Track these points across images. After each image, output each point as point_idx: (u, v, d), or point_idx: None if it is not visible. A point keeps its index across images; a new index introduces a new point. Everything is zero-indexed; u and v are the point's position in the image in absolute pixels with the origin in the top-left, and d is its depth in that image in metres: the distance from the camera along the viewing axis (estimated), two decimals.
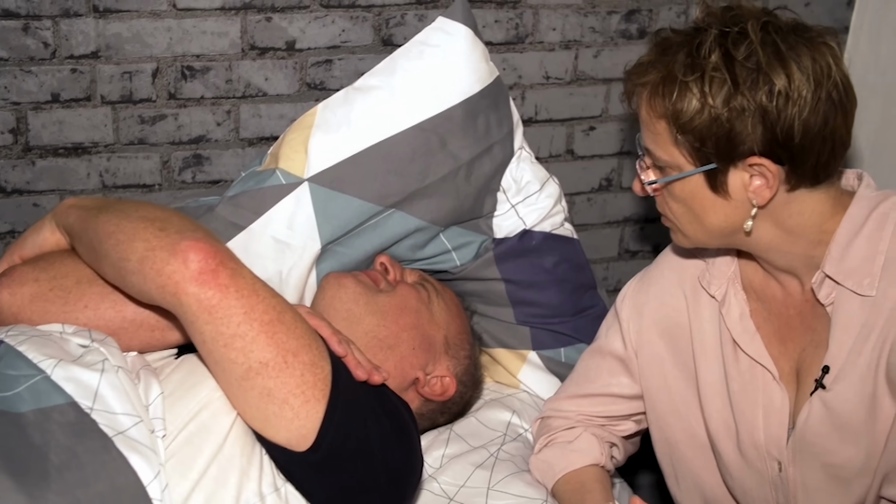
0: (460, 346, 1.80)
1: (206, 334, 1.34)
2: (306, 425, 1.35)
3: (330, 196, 1.76)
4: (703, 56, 1.34)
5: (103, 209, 1.49)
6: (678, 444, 1.68)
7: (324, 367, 1.38)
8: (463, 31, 1.84)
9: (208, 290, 1.32)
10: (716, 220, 1.43)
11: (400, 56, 1.84)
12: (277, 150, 1.82)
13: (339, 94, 1.83)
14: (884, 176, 2.21)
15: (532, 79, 2.17)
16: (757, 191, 1.38)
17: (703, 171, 1.39)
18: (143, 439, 1.32)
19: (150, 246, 1.35)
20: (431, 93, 1.81)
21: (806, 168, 1.36)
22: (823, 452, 1.47)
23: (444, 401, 1.76)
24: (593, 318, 1.95)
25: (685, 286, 1.64)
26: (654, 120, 1.40)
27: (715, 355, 1.59)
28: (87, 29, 1.88)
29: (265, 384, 1.34)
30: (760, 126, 1.33)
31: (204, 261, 1.32)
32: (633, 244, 2.41)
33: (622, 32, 2.18)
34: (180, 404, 1.39)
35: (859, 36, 2.30)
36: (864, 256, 1.40)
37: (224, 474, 1.35)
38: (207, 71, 1.97)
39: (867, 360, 1.41)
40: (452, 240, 1.89)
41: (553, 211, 1.94)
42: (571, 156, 2.27)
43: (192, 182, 2.05)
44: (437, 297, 1.81)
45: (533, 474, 1.73)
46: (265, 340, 1.34)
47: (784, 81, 1.31)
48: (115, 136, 1.97)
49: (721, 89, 1.33)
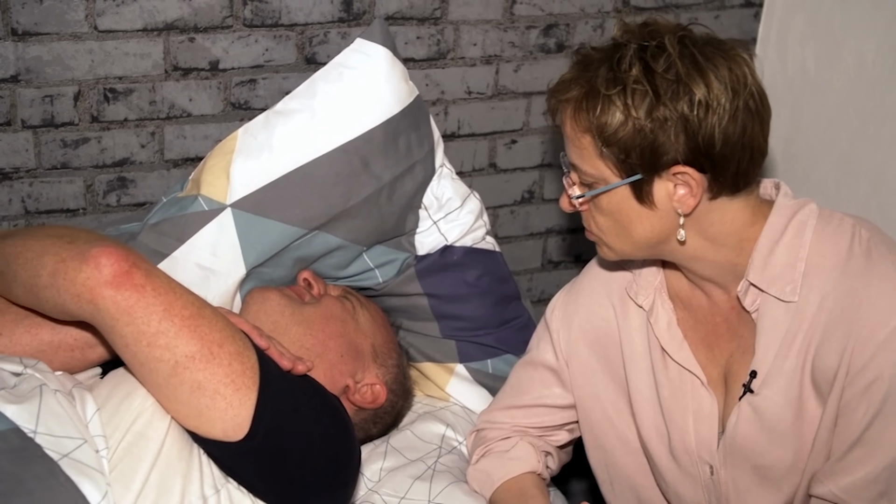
0: (388, 354, 1.82)
1: (127, 336, 1.34)
2: (240, 413, 1.36)
3: (253, 221, 1.76)
4: (624, 70, 1.37)
5: (7, 236, 1.48)
6: (612, 450, 1.71)
7: (250, 356, 1.40)
8: (381, 52, 1.84)
9: (124, 291, 1.33)
10: (643, 231, 1.46)
11: (319, 78, 1.84)
12: (199, 175, 1.80)
13: (259, 118, 1.82)
14: (797, 182, 2.28)
15: (454, 94, 2.19)
16: (681, 200, 1.41)
17: (629, 183, 1.41)
18: (88, 461, 1.31)
19: (61, 258, 1.35)
20: (352, 115, 1.81)
21: (727, 176, 1.40)
22: (753, 454, 1.52)
23: (376, 409, 1.78)
24: (518, 328, 1.99)
25: (613, 297, 1.68)
26: (580, 135, 1.42)
27: (645, 364, 1.62)
28: (6, 52, 1.84)
29: (194, 377, 1.35)
30: (683, 135, 1.36)
31: (116, 263, 1.33)
32: (556, 255, 2.45)
33: (541, 47, 2.21)
34: (116, 417, 1.38)
35: (767, 47, 2.37)
36: (786, 263, 1.44)
37: (165, 481, 1.35)
38: (130, 93, 1.94)
39: (793, 364, 1.46)
40: (375, 258, 1.90)
41: (474, 226, 1.96)
42: (494, 169, 2.30)
43: (118, 205, 2.02)
44: (362, 307, 1.83)
45: (471, 485, 1.75)
46: (188, 334, 1.35)
47: (703, 91, 1.35)
48: (37, 161, 1.94)
49: (643, 101, 1.36)
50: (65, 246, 1.37)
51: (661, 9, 2.26)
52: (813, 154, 2.25)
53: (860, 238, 1.44)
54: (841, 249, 1.43)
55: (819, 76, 2.22)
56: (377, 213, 1.85)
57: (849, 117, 2.14)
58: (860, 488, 1.41)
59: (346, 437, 1.51)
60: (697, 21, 2.31)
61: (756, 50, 2.40)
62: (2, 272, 1.44)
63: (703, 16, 2.32)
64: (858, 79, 2.11)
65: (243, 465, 1.40)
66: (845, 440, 1.42)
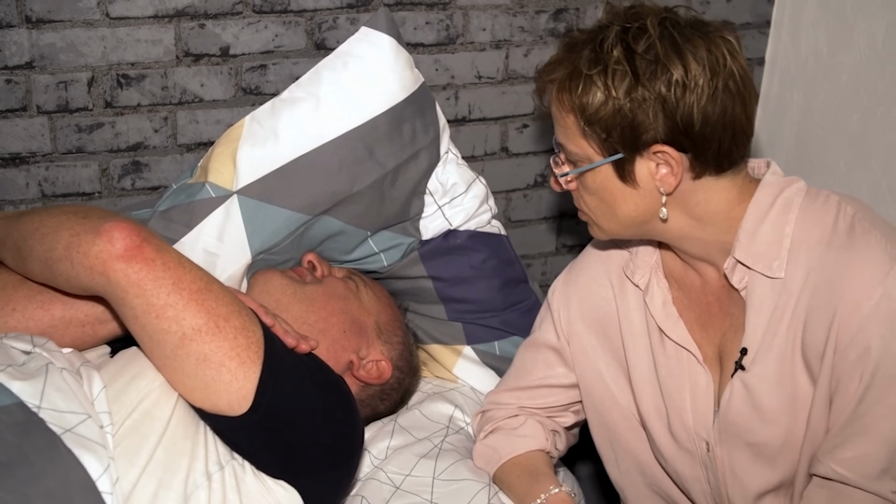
0: (393, 331, 1.84)
1: (137, 308, 1.38)
2: (245, 386, 1.39)
3: (259, 207, 1.79)
4: (606, 51, 1.40)
5: (24, 214, 1.53)
6: (616, 426, 1.72)
7: (255, 331, 1.43)
8: (386, 40, 1.86)
9: (135, 264, 1.37)
10: (627, 209, 1.48)
11: (324, 67, 1.86)
12: (206, 163, 1.84)
13: (266, 106, 1.85)
14: (809, 164, 2.28)
15: (464, 78, 2.21)
16: (663, 179, 1.43)
17: (612, 162, 1.43)
18: (91, 435, 1.34)
19: (75, 232, 1.40)
20: (357, 103, 1.83)
21: (708, 155, 1.41)
22: (745, 432, 1.52)
23: (382, 386, 1.81)
24: (524, 311, 2.00)
25: (611, 276, 1.69)
26: (564, 114, 1.45)
27: (643, 342, 1.64)
28: (21, 40, 1.89)
29: (200, 349, 1.38)
30: (661, 115, 1.38)
31: (128, 237, 1.37)
32: (569, 239, 2.46)
33: (551, 31, 2.23)
34: (123, 396, 1.42)
35: (780, 30, 2.36)
36: (772, 240, 1.45)
37: (171, 458, 1.38)
38: (143, 78, 1.99)
39: (782, 341, 1.46)
40: (380, 243, 1.92)
41: (479, 211, 1.98)
42: (506, 153, 2.32)
43: (132, 189, 2.07)
44: (365, 287, 1.86)
45: (476, 461, 1.76)
46: (196, 307, 1.39)
47: (681, 71, 1.37)
48: (53, 146, 1.99)
49: (623, 81, 1.38)
50: (79, 221, 1.42)
51: None
52: (825, 136, 2.24)
53: (845, 214, 1.44)
54: (826, 225, 1.44)
55: (831, 58, 2.21)
56: (381, 198, 1.87)
57: (860, 99, 2.13)
58: (861, 465, 1.41)
59: (349, 414, 1.53)
60: (709, 4, 2.31)
61: (770, 33, 2.40)
62: (18, 248, 1.49)
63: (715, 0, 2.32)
64: (869, 60, 2.10)
65: (247, 438, 1.43)
66: (840, 416, 1.42)
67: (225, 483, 1.41)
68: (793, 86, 2.33)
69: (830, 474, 1.44)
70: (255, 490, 1.43)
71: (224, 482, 1.41)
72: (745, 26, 2.37)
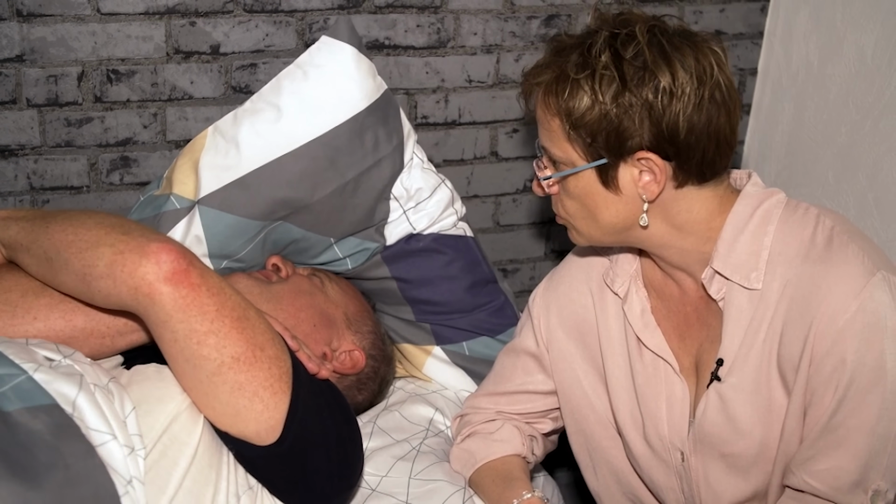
0: (362, 321, 1.86)
1: (178, 332, 1.39)
2: (274, 416, 1.42)
3: (218, 217, 1.80)
4: (594, 56, 1.40)
5: (49, 219, 1.51)
6: (593, 434, 1.73)
7: (286, 360, 1.46)
8: (347, 49, 1.85)
9: (182, 288, 1.37)
10: (608, 216, 1.48)
11: (285, 77, 1.86)
12: (171, 174, 1.85)
13: (228, 116, 1.86)
14: (797, 176, 2.28)
15: (455, 82, 2.21)
16: (646, 186, 1.43)
17: (595, 167, 1.44)
18: (115, 456, 1.33)
19: (118, 250, 1.39)
20: (317, 113, 1.83)
21: (692, 164, 1.42)
22: (720, 442, 1.53)
23: (358, 375, 1.83)
24: (493, 311, 2.01)
25: (591, 284, 1.70)
26: (549, 118, 1.45)
27: (621, 350, 1.64)
28: (11, 33, 1.90)
29: (237, 378, 1.40)
30: (647, 121, 1.38)
31: (176, 261, 1.38)
32: (558, 244, 2.46)
33: (542, 37, 2.23)
34: (151, 417, 1.41)
35: (773, 41, 2.36)
36: (750, 252, 1.45)
37: (198, 487, 1.40)
38: (133, 74, 1.99)
39: (759, 352, 1.47)
40: (346, 249, 1.93)
41: (443, 215, 1.97)
42: (496, 157, 2.32)
43: (120, 184, 2.07)
44: (330, 281, 1.88)
45: (452, 465, 1.77)
46: (237, 336, 1.40)
47: (669, 79, 1.37)
48: (42, 139, 2.00)
49: (610, 86, 1.38)
50: (120, 237, 1.41)
51: (666, 0, 2.27)
52: (814, 148, 2.25)
53: (823, 226, 1.45)
54: (804, 238, 1.44)
55: (821, 70, 2.21)
56: (342, 207, 1.87)
57: (848, 111, 2.13)
58: (833, 477, 1.42)
59: (354, 434, 1.58)
60: (702, 14, 2.32)
61: (762, 44, 2.40)
62: (49, 259, 1.47)
63: (707, 9, 2.32)
64: (858, 73, 2.10)
65: (269, 466, 1.46)
66: (814, 428, 1.43)
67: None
68: (784, 97, 2.33)
69: (803, 486, 1.44)
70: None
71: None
72: (738, 36, 2.37)
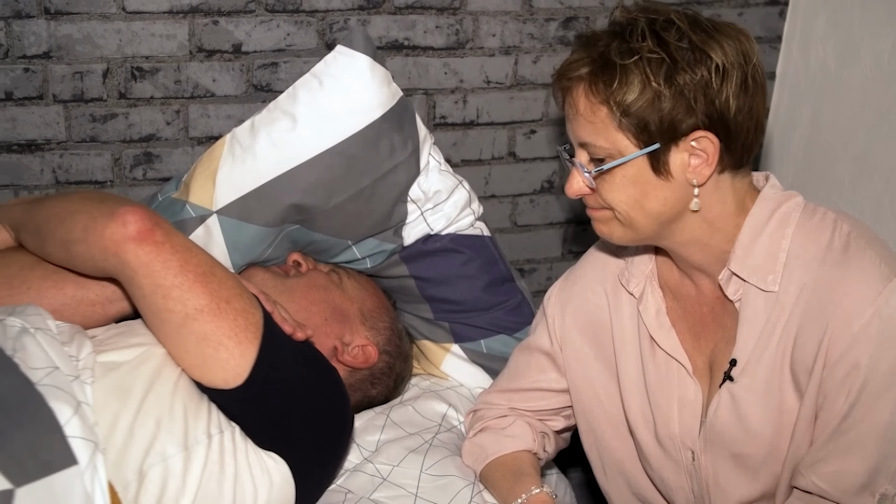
0: (378, 317, 1.89)
1: (145, 288, 1.47)
2: (241, 364, 1.49)
3: (238, 227, 1.83)
4: (637, 41, 1.40)
5: (45, 199, 1.63)
6: (603, 434, 1.74)
7: (255, 313, 1.53)
8: (361, 58, 1.87)
9: (146, 246, 1.46)
10: (656, 203, 1.46)
11: (301, 86, 1.88)
12: (189, 180, 1.88)
13: (245, 125, 1.88)
14: (814, 179, 2.29)
15: (473, 83, 2.23)
16: (696, 169, 1.43)
17: (647, 154, 1.43)
18: (60, 384, 1.40)
19: (91, 216, 1.49)
20: (332, 122, 1.85)
21: (737, 146, 1.43)
22: (731, 442, 1.54)
23: (371, 370, 1.86)
24: (510, 309, 2.02)
25: (606, 284, 1.71)
26: (595, 108, 1.43)
27: (634, 350, 1.65)
28: (39, 30, 1.94)
29: (202, 328, 1.47)
30: (702, 100, 1.39)
31: (140, 221, 1.46)
32: (575, 245, 2.47)
33: (560, 39, 2.25)
34: (121, 347, 1.52)
35: (791, 45, 2.37)
36: (767, 254, 1.46)
37: (172, 403, 1.48)
38: (157, 72, 2.03)
39: (772, 354, 1.48)
40: (364, 251, 1.95)
41: (460, 216, 1.99)
42: (514, 158, 2.34)
43: (143, 179, 2.11)
44: (349, 277, 1.92)
45: (464, 459, 1.79)
46: (200, 289, 1.48)
47: (721, 55, 1.39)
48: (68, 134, 2.04)
49: (660, 68, 1.38)
50: (96, 205, 1.51)
51: (684, 4, 2.28)
52: (831, 151, 2.25)
53: (841, 231, 1.45)
54: (821, 242, 1.45)
55: (839, 74, 2.22)
56: (358, 212, 1.89)
57: (865, 115, 2.14)
58: (841, 480, 1.42)
59: (338, 398, 1.63)
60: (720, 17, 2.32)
61: (781, 48, 2.41)
62: (38, 230, 1.59)
63: (726, 12, 2.33)
64: (875, 77, 2.11)
65: (239, 409, 1.52)
66: (825, 431, 1.44)
67: (224, 447, 1.49)
68: (802, 100, 2.34)
69: (811, 487, 1.45)
70: (250, 458, 1.51)
71: (223, 446, 1.49)
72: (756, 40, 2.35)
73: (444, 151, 2.21)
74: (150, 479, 1.41)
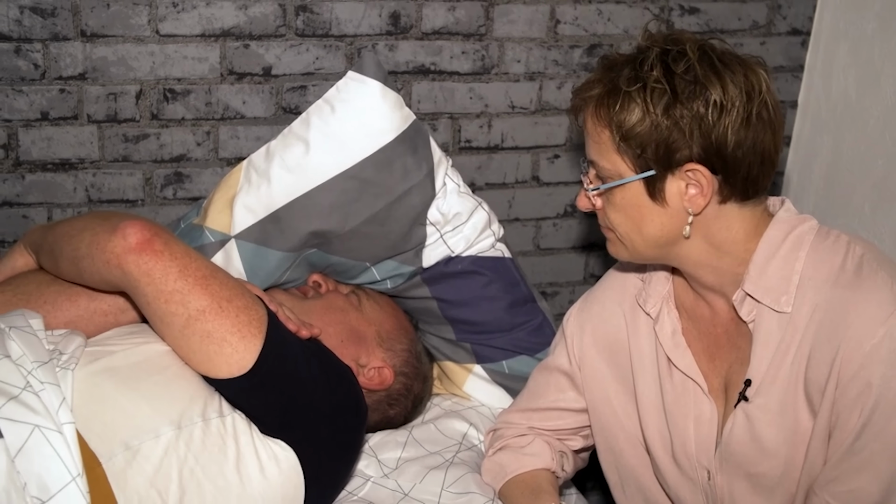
0: (396, 339, 1.91)
1: (148, 295, 1.53)
2: (245, 356, 1.53)
3: (256, 251, 1.87)
4: (646, 70, 1.44)
5: (60, 221, 1.71)
6: (622, 452, 1.75)
7: (258, 310, 1.57)
8: (372, 84, 1.89)
9: (145, 255, 1.51)
10: (653, 228, 1.50)
11: (314, 112, 1.91)
12: (208, 206, 1.92)
13: (261, 151, 1.92)
14: (835, 208, 2.30)
15: (498, 108, 2.27)
16: (692, 199, 1.46)
17: (643, 179, 1.47)
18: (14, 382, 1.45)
19: (95, 232, 1.55)
20: (345, 146, 1.88)
21: (737, 180, 1.45)
22: (746, 462, 1.55)
23: (388, 391, 1.88)
24: (532, 330, 2.04)
25: (624, 305, 1.73)
26: (599, 129, 1.49)
27: (651, 370, 1.67)
28: (75, 52, 2.00)
29: (205, 328, 1.52)
30: (697, 133, 1.42)
31: (139, 233, 1.52)
32: (597, 268, 2.49)
33: (584, 66, 2.28)
34: (120, 341, 1.60)
35: (813, 74, 2.39)
36: (781, 276, 1.48)
37: (169, 382, 1.54)
38: (188, 94, 2.08)
39: (786, 375, 1.49)
40: (384, 272, 1.97)
41: (480, 238, 2.00)
42: (537, 182, 2.37)
43: (174, 198, 2.16)
44: (368, 299, 1.94)
45: (483, 477, 1.81)
46: (201, 291, 1.53)
47: (719, 92, 1.41)
48: (101, 154, 2.08)
49: (661, 99, 1.42)
50: (100, 223, 1.57)
51: (706, 33, 2.31)
52: (852, 180, 2.27)
53: (853, 253, 1.47)
54: (834, 263, 1.47)
55: (859, 103, 2.24)
56: (373, 235, 1.91)
57: (885, 144, 2.16)
58: (855, 499, 1.43)
59: (349, 391, 1.67)
60: (742, 47, 2.35)
61: (803, 77, 2.43)
62: (51, 250, 1.65)
63: (748, 42, 2.35)
64: (895, 107, 2.13)
65: (245, 396, 1.56)
66: (838, 450, 1.45)
67: (224, 430, 1.53)
68: (823, 129, 2.36)
69: None
70: (256, 443, 1.55)
71: (223, 429, 1.53)
72: (778, 69, 2.40)
73: (469, 175, 2.25)
74: (143, 454, 1.45)
